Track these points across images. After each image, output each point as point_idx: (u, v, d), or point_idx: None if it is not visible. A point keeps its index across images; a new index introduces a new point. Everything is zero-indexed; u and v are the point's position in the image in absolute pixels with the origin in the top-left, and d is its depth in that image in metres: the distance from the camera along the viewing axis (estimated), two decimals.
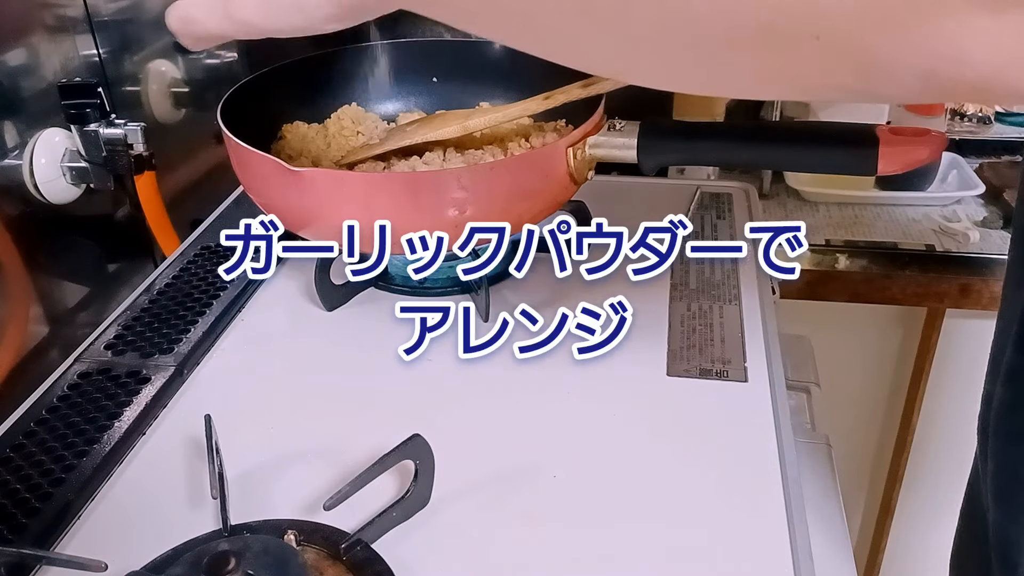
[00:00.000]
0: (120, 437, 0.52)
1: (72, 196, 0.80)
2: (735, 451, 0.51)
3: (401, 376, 0.58)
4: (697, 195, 0.79)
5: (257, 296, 0.68)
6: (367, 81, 0.77)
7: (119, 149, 0.79)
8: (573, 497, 0.48)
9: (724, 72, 0.29)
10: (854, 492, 1.24)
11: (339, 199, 0.57)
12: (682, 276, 0.67)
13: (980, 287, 0.98)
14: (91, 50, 0.83)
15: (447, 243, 0.58)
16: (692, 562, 0.44)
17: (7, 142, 0.74)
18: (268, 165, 0.57)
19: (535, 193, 0.60)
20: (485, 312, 0.63)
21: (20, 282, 0.75)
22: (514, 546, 0.45)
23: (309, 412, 0.56)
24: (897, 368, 1.14)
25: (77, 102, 0.77)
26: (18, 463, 0.50)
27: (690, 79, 0.31)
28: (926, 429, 1.16)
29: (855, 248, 1.00)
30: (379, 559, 0.43)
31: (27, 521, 0.46)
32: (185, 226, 0.87)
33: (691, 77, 0.31)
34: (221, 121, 0.61)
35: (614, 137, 0.59)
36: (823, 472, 0.63)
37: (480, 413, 0.55)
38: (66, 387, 0.56)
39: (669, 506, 0.47)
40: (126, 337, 0.61)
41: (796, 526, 0.46)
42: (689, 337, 0.60)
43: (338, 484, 0.44)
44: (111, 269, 0.90)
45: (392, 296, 0.67)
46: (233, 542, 0.41)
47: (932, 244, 1.00)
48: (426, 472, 0.46)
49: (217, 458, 0.46)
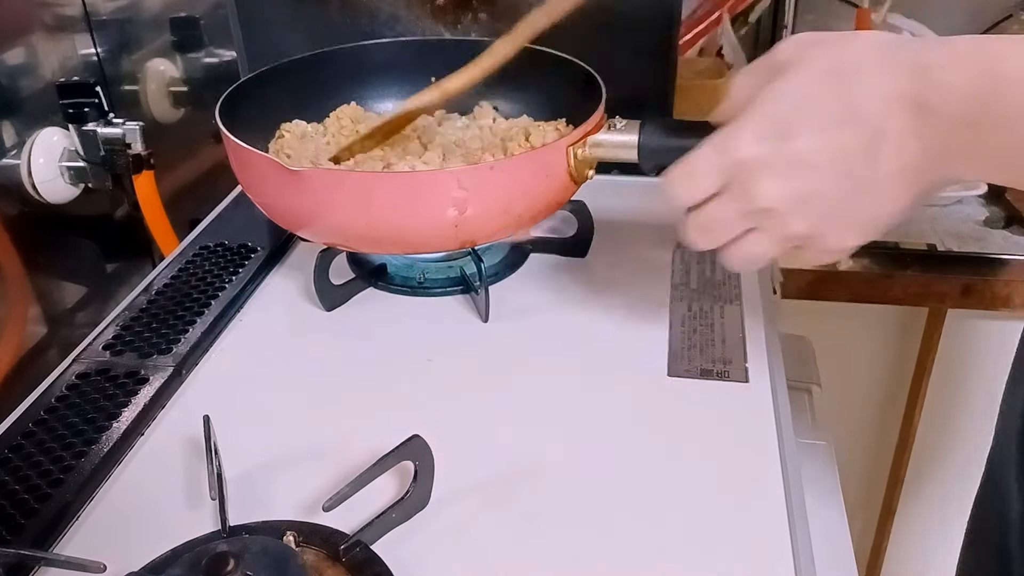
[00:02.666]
0: (119, 438, 0.51)
1: (70, 196, 0.80)
2: (736, 451, 0.51)
3: (401, 376, 0.58)
4: None
5: (256, 296, 0.67)
6: (366, 80, 0.76)
7: (117, 148, 0.79)
8: (573, 497, 0.48)
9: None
10: (855, 493, 1.24)
11: (338, 198, 0.56)
12: (683, 276, 0.67)
13: (982, 287, 0.97)
14: (89, 49, 0.83)
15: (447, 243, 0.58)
16: (692, 562, 0.44)
17: (5, 142, 0.74)
18: (266, 164, 0.57)
19: (535, 193, 0.59)
20: (485, 312, 0.63)
21: (18, 282, 0.75)
22: (514, 546, 0.45)
23: (308, 412, 0.55)
24: (898, 368, 1.14)
25: (75, 101, 0.77)
26: (16, 464, 0.49)
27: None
28: (928, 429, 1.16)
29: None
30: (379, 560, 0.43)
31: (26, 522, 0.46)
32: (184, 226, 0.87)
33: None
34: (219, 120, 0.61)
35: (615, 136, 0.59)
36: (824, 472, 0.63)
37: (480, 413, 0.55)
38: (64, 387, 0.55)
39: (669, 506, 0.47)
40: (124, 337, 0.60)
41: (797, 526, 0.45)
42: (690, 337, 0.60)
43: (337, 485, 0.43)
44: (109, 269, 0.90)
45: (392, 296, 0.67)
46: (232, 543, 0.40)
47: (933, 244, 1.00)
48: (426, 473, 0.46)
49: (216, 459, 0.46)
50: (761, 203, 0.41)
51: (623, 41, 0.82)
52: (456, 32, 0.86)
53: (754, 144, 0.40)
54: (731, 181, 0.42)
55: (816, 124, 0.39)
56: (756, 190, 0.41)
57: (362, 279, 0.67)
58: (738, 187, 0.42)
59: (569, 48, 0.69)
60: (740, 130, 0.41)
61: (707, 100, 1.02)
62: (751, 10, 1.19)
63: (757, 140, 0.40)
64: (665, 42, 0.82)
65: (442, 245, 0.62)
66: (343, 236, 0.61)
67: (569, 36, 0.64)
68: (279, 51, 0.75)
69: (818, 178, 0.40)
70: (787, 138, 0.40)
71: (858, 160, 0.39)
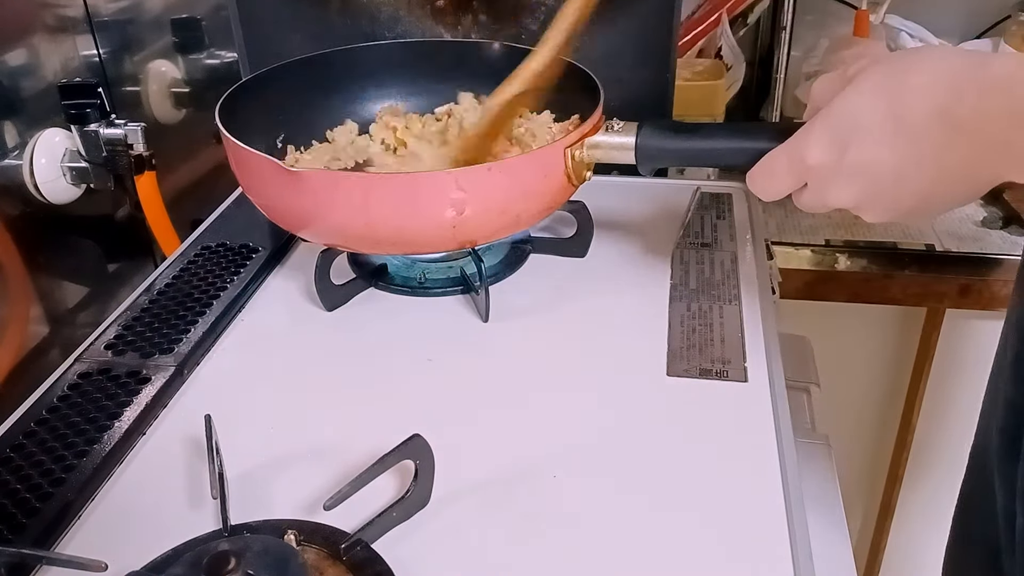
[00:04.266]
0: (120, 437, 0.52)
1: (72, 196, 0.80)
2: (735, 451, 0.51)
3: (401, 376, 0.58)
4: (697, 195, 0.79)
5: (257, 296, 0.68)
6: (366, 81, 0.77)
7: (119, 149, 0.79)
8: (573, 497, 0.48)
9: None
10: (854, 492, 1.24)
11: (337, 200, 0.57)
12: (682, 276, 0.68)
13: (980, 287, 0.98)
14: (91, 50, 0.84)
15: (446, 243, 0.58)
16: (692, 562, 0.44)
17: (7, 142, 0.74)
18: (266, 166, 0.57)
19: (533, 194, 0.60)
20: (485, 312, 0.63)
21: (20, 282, 0.76)
22: (514, 546, 0.45)
23: (309, 412, 0.56)
24: (897, 368, 1.14)
25: (77, 102, 0.77)
26: (18, 463, 0.50)
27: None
28: (926, 429, 1.16)
29: (855, 248, 1.00)
30: (379, 559, 0.43)
31: (27, 521, 0.46)
32: (185, 226, 0.87)
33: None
34: (220, 121, 0.61)
35: (612, 138, 0.59)
36: (823, 472, 0.63)
37: (480, 413, 0.55)
38: (66, 387, 0.56)
39: (668, 506, 0.47)
40: (126, 337, 0.61)
41: (796, 526, 0.46)
42: (689, 337, 0.60)
43: (338, 484, 0.44)
44: (111, 269, 0.90)
45: (392, 296, 0.67)
46: (233, 542, 0.41)
47: (932, 244, 1.00)
48: (426, 472, 0.46)
49: (217, 458, 0.46)
50: (832, 203, 0.50)
51: (623, 42, 0.82)
52: (456, 33, 0.86)
53: (819, 154, 0.48)
54: (806, 181, 0.50)
55: (869, 139, 0.46)
56: (827, 195, 0.49)
57: (363, 279, 0.67)
58: (813, 187, 0.50)
59: (569, 48, 0.69)
60: (808, 139, 0.49)
61: (706, 101, 1.02)
62: (750, 11, 1.19)
63: (821, 151, 0.48)
64: (664, 43, 0.82)
65: (441, 245, 0.62)
66: (343, 237, 0.61)
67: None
68: (280, 52, 0.76)
69: (875, 183, 0.47)
70: (845, 150, 0.47)
71: (907, 168, 0.45)
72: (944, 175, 0.45)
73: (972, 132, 0.42)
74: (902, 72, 0.45)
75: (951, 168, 0.45)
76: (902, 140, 0.45)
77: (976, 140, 0.43)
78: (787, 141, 0.51)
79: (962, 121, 0.42)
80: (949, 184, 0.46)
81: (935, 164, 0.45)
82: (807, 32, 1.19)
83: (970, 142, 0.43)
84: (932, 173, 0.45)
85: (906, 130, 0.44)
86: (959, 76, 0.43)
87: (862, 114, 0.46)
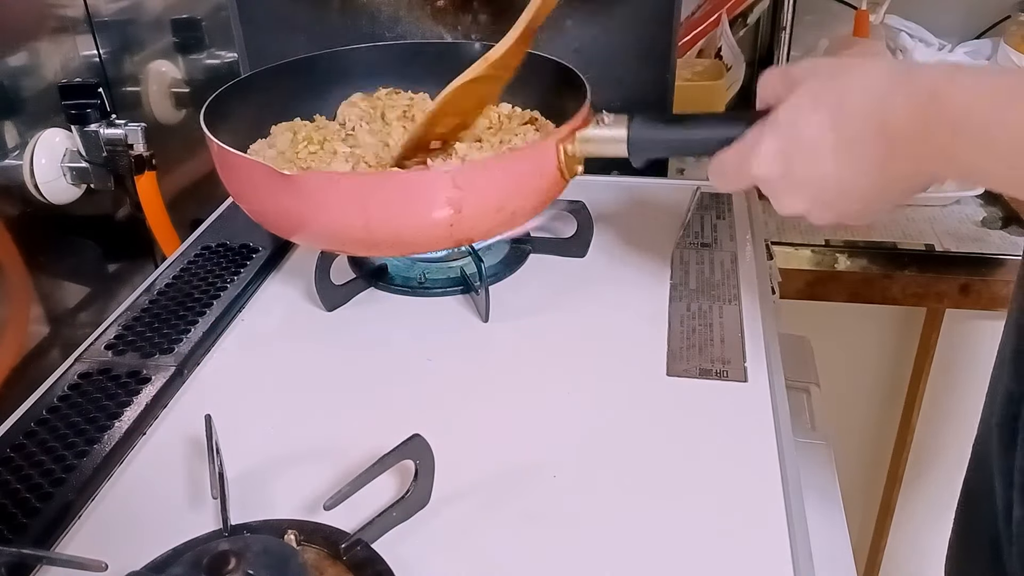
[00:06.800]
0: (120, 437, 0.52)
1: (72, 196, 0.80)
2: (735, 451, 0.51)
3: (401, 376, 0.59)
4: (697, 195, 0.79)
5: (257, 296, 0.68)
6: (366, 81, 0.77)
7: (119, 149, 0.79)
8: (573, 497, 0.48)
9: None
10: (854, 492, 1.24)
11: (333, 201, 0.56)
12: (682, 276, 0.68)
13: (980, 287, 0.98)
14: (91, 50, 0.84)
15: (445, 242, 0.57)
16: (692, 561, 0.44)
17: (7, 142, 0.74)
18: (257, 170, 0.57)
19: (528, 189, 0.59)
20: (485, 312, 0.63)
21: (20, 282, 0.76)
22: (514, 546, 0.45)
23: (309, 412, 0.56)
24: (897, 368, 1.14)
25: (77, 102, 0.77)
26: (18, 463, 0.50)
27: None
28: (926, 429, 1.16)
29: (854, 248, 1.00)
30: (379, 559, 0.43)
31: (27, 521, 0.46)
32: (185, 226, 0.87)
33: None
34: (205, 125, 0.60)
35: (603, 131, 0.58)
36: (823, 472, 0.63)
37: (480, 413, 0.55)
38: (66, 387, 0.56)
39: (668, 505, 0.47)
40: (126, 337, 0.61)
41: (795, 525, 0.46)
42: (689, 337, 0.60)
43: (338, 484, 0.44)
44: (111, 269, 0.90)
45: (392, 296, 0.67)
46: (233, 542, 0.41)
47: (932, 244, 1.00)
48: (426, 472, 0.46)
49: (217, 458, 0.46)
50: (785, 211, 0.52)
51: (623, 42, 0.82)
52: (456, 34, 0.86)
53: (765, 168, 0.50)
54: (755, 186, 0.52)
55: (813, 155, 0.48)
56: (779, 202, 0.51)
57: (363, 279, 0.67)
58: (766, 192, 0.52)
59: (569, 49, 0.69)
60: (756, 150, 0.50)
61: (706, 101, 1.02)
62: (750, 11, 1.19)
63: (768, 165, 0.50)
64: (664, 43, 0.82)
65: (438, 244, 0.62)
66: (339, 240, 0.60)
67: (569, 37, 0.64)
68: (280, 52, 0.75)
69: (821, 194, 0.49)
70: (790, 165, 0.49)
71: (851, 180, 0.47)
72: (887, 182, 0.47)
73: (910, 142, 0.44)
74: (840, 89, 0.47)
75: (893, 175, 0.46)
76: (844, 155, 0.46)
77: (914, 149, 0.44)
78: (737, 144, 0.52)
79: (898, 132, 0.44)
80: (892, 189, 0.48)
81: (879, 173, 0.46)
82: (807, 32, 1.19)
83: (909, 152, 0.44)
84: (875, 181, 0.47)
85: (847, 145, 0.46)
86: (890, 89, 0.45)
87: (806, 128, 0.47)
